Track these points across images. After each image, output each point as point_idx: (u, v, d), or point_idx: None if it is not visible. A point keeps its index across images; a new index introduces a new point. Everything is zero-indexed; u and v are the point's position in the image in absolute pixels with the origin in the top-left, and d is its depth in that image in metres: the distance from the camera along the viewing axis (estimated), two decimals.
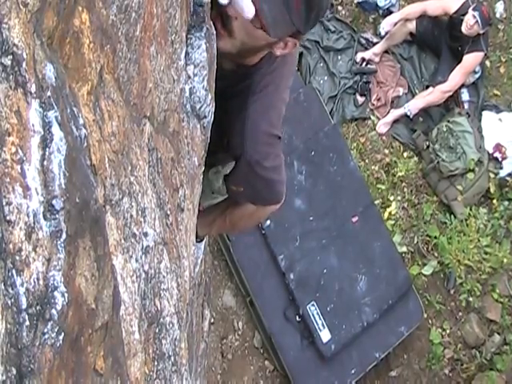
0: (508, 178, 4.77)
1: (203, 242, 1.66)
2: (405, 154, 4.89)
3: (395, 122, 4.90)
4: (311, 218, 3.97)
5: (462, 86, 4.84)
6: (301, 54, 4.76)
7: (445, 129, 4.68)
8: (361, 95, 4.94)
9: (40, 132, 0.52)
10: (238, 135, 1.39)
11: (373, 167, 4.81)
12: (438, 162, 4.68)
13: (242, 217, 1.69)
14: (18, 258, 0.49)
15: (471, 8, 4.45)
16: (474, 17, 4.41)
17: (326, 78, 4.90)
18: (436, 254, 4.67)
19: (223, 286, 4.23)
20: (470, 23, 4.44)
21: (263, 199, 1.57)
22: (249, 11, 1.08)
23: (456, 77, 4.66)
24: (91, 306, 0.59)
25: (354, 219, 4.06)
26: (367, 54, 4.96)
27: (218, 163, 1.54)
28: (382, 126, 4.89)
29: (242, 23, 1.22)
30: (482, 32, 4.52)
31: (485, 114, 4.93)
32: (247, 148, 1.38)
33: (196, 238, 1.46)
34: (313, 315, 3.85)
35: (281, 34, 1.26)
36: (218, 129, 1.40)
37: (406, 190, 4.81)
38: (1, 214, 0.48)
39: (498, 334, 4.58)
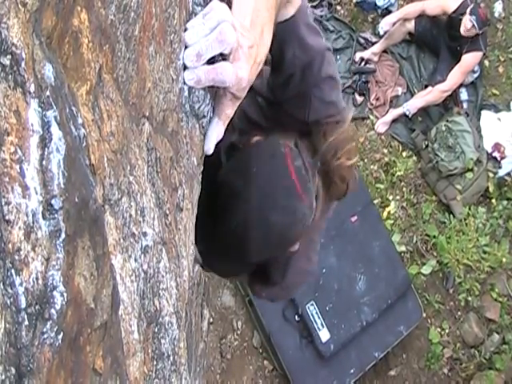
0: (507, 178, 4.78)
1: None
2: (404, 154, 4.89)
3: (394, 121, 4.90)
4: None
5: (461, 85, 4.85)
6: None
7: (444, 128, 4.68)
8: (359, 95, 4.94)
9: (39, 132, 0.52)
10: (280, 272, 1.44)
11: (372, 167, 4.81)
12: (436, 162, 4.68)
13: None
14: (17, 257, 0.49)
15: (468, 12, 4.46)
16: (471, 21, 4.44)
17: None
18: (435, 254, 4.67)
19: (222, 285, 4.23)
20: (467, 26, 4.48)
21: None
22: (208, 149, 1.04)
23: (455, 76, 4.67)
24: (90, 305, 0.59)
25: (353, 219, 4.06)
26: (366, 54, 4.97)
27: None
28: (381, 126, 4.89)
29: None
30: (480, 32, 4.53)
31: (483, 113, 4.94)
32: (285, 282, 1.46)
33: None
34: (312, 315, 3.86)
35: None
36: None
37: (404, 189, 4.81)
38: (0, 213, 0.48)
39: (497, 333, 4.59)
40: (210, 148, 1.03)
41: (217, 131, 1.02)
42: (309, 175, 1.20)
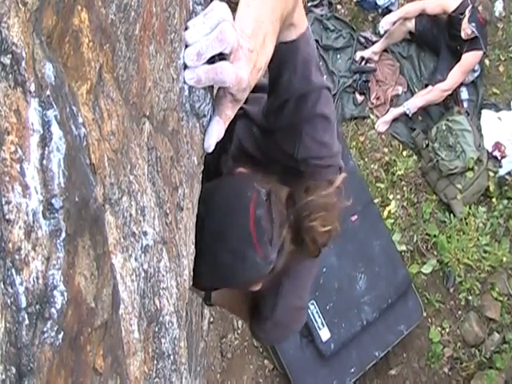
0: (507, 177, 4.78)
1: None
2: (404, 153, 4.89)
3: (394, 120, 4.90)
4: None
5: (461, 84, 4.84)
6: None
7: (444, 127, 4.68)
8: (360, 94, 4.94)
9: (39, 131, 0.52)
10: (269, 306, 1.45)
11: (372, 166, 4.81)
12: (437, 161, 4.68)
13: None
14: (17, 256, 0.49)
15: (467, 19, 4.46)
16: (471, 28, 4.47)
17: (325, 76, 4.90)
18: (435, 253, 4.67)
19: None
20: (467, 32, 4.51)
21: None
22: (208, 147, 1.02)
23: (455, 75, 4.67)
24: (91, 304, 0.59)
25: (354, 218, 4.06)
26: (366, 53, 4.97)
27: None
28: (382, 125, 4.89)
29: None
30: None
31: (484, 112, 4.94)
32: (276, 318, 1.46)
33: (206, 300, 1.48)
34: (312, 314, 3.85)
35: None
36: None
37: (405, 188, 4.81)
38: (0, 212, 0.48)
39: (498, 332, 4.58)
40: (210, 145, 1.02)
41: (217, 129, 1.01)
42: (272, 226, 1.16)
